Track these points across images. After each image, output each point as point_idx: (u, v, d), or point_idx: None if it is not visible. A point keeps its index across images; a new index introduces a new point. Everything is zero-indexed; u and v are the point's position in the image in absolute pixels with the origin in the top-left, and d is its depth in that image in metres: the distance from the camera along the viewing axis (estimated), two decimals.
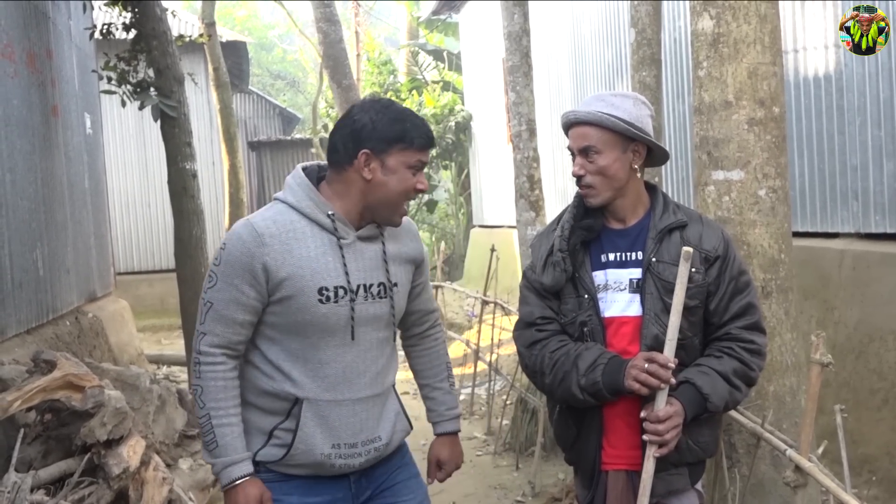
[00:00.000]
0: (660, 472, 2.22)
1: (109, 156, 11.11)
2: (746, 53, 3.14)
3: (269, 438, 2.19)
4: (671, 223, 2.26)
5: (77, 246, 7.06)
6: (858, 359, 4.69)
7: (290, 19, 20.26)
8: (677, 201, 2.39)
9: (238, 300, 2.12)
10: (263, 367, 2.19)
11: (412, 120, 2.18)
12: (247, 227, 2.14)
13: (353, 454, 2.21)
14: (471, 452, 5.96)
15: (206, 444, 2.16)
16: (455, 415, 2.55)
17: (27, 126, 5.73)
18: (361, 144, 2.14)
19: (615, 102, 2.26)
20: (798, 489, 2.61)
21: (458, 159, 16.34)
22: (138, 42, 6.53)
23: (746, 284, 2.30)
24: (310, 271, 2.12)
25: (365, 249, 2.21)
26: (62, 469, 3.75)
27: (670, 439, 2.13)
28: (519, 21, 6.56)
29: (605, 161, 2.25)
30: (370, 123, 2.14)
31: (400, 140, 2.14)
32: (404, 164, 2.15)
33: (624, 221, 2.32)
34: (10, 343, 4.99)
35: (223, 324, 2.14)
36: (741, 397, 2.27)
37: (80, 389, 3.82)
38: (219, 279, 2.14)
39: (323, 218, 2.16)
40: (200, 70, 13.23)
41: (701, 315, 2.28)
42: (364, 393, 2.21)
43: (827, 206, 5.25)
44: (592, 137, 2.25)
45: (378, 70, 17.93)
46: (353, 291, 2.16)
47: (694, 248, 2.22)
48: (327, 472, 2.21)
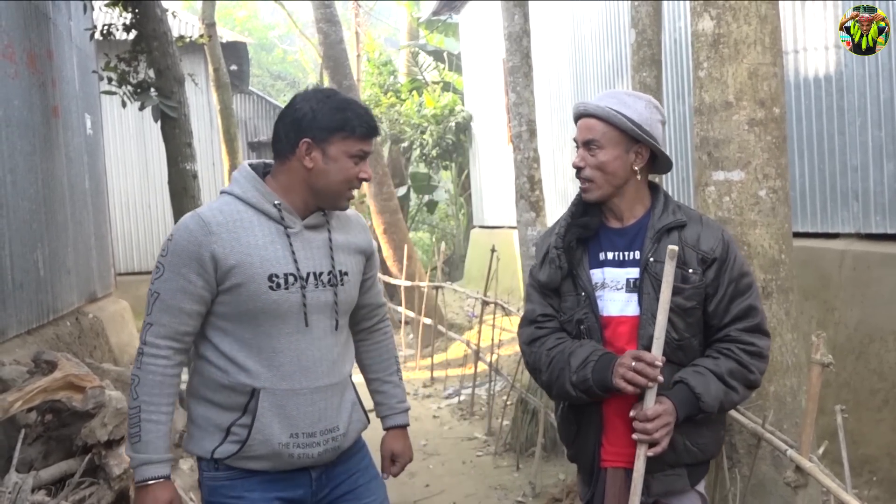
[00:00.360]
0: (656, 472, 2.22)
1: (110, 156, 11.11)
2: (747, 54, 3.14)
3: (226, 435, 2.17)
4: (669, 223, 2.25)
5: (77, 246, 7.06)
6: (859, 359, 4.69)
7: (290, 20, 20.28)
8: (679, 202, 2.37)
9: (185, 289, 2.11)
10: (217, 362, 2.17)
11: (354, 109, 2.17)
12: (194, 218, 2.15)
13: (311, 443, 2.19)
14: (471, 453, 5.96)
15: (130, 435, 2.13)
16: (405, 408, 2.57)
17: (28, 127, 5.74)
18: (302, 133, 2.15)
19: (627, 101, 2.26)
20: (799, 489, 2.61)
21: (459, 160, 16.34)
22: (139, 43, 6.54)
23: (748, 287, 2.27)
24: (258, 259, 2.12)
25: (312, 238, 2.21)
26: (63, 469, 3.75)
27: (659, 438, 2.11)
28: (519, 22, 6.57)
29: (606, 157, 2.24)
30: (311, 112, 2.15)
31: (341, 129, 2.14)
32: (345, 153, 2.16)
33: (622, 220, 2.32)
34: (10, 344, 4.99)
35: (170, 314, 2.12)
36: (738, 399, 2.24)
37: (81, 390, 3.83)
38: (166, 269, 2.13)
39: (269, 207, 2.17)
40: (201, 71, 13.23)
41: (699, 316, 2.26)
42: (322, 382, 2.21)
43: (827, 206, 5.25)
44: (597, 131, 2.25)
45: (378, 71, 17.93)
46: (303, 279, 2.16)
47: (691, 248, 2.22)
48: (285, 463, 2.19)
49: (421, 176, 17.41)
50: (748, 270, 2.30)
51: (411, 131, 16.12)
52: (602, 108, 2.25)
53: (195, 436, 2.22)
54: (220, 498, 2.21)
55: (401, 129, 16.28)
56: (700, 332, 2.27)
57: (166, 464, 2.14)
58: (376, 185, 11.40)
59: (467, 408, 7.20)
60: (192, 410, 2.24)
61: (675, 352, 2.22)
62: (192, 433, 2.24)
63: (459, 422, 6.95)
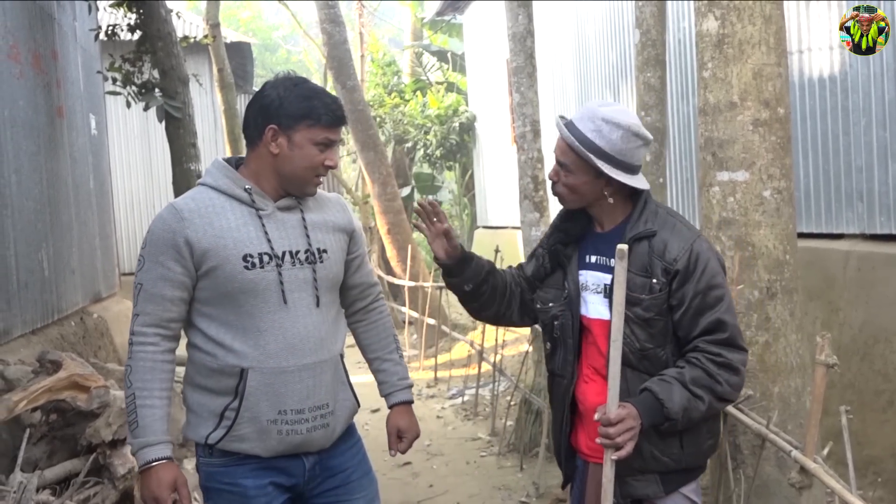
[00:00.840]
0: (625, 476, 2.23)
1: (114, 156, 11.12)
2: (751, 54, 3.14)
3: (220, 420, 2.22)
4: (638, 233, 2.23)
5: (82, 246, 7.07)
6: (863, 360, 4.68)
7: (294, 20, 20.29)
8: (664, 206, 2.35)
9: (165, 276, 2.18)
10: (206, 347, 2.22)
11: (321, 98, 2.22)
12: (167, 209, 2.24)
13: (299, 419, 2.23)
14: (475, 453, 5.96)
15: (128, 424, 2.20)
16: (407, 385, 2.58)
17: (32, 127, 5.75)
18: (269, 120, 2.20)
19: (603, 130, 2.20)
20: (803, 490, 2.60)
21: (462, 160, 16.33)
22: (143, 43, 6.55)
23: (717, 300, 2.19)
24: (232, 241, 2.18)
25: (286, 219, 2.26)
26: (67, 469, 3.76)
27: (622, 442, 2.09)
28: (523, 22, 6.57)
29: (576, 181, 2.26)
30: (278, 99, 2.20)
31: (306, 117, 2.19)
32: (311, 140, 2.20)
33: (602, 225, 2.34)
34: (15, 343, 5.00)
35: (153, 302, 2.19)
36: (705, 408, 2.17)
37: (86, 390, 3.84)
38: (146, 260, 2.20)
39: (240, 192, 2.23)
40: (205, 71, 13.24)
41: (662, 327, 2.21)
42: (309, 359, 2.23)
43: (832, 207, 5.25)
44: (568, 157, 2.26)
45: (382, 71, 17.93)
46: (278, 257, 2.21)
47: (657, 258, 2.20)
48: (275, 442, 2.22)
49: (425, 176, 17.41)
50: (720, 282, 2.22)
51: (415, 132, 16.12)
52: (572, 139, 2.22)
53: (192, 422, 2.28)
54: (214, 483, 2.26)
55: (404, 130, 16.29)
56: (669, 342, 2.23)
57: (166, 445, 2.19)
58: (380, 185, 11.40)
59: (471, 408, 7.20)
60: (188, 398, 2.29)
61: (640, 361, 2.22)
62: (189, 420, 2.30)
63: (463, 422, 6.95)
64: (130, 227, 13.69)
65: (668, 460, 2.23)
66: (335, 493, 2.35)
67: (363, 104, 11.68)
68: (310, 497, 2.35)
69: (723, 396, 2.19)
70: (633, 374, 2.21)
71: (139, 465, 2.19)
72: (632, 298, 2.18)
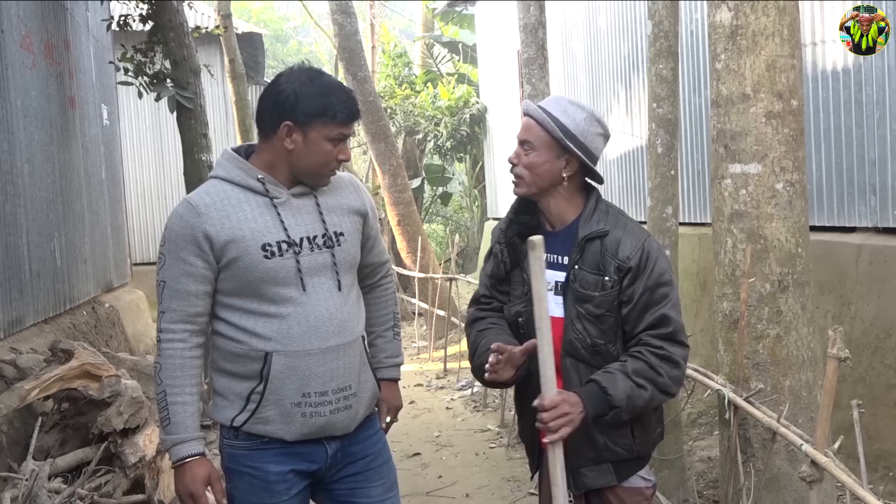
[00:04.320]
0: (580, 467, 2.29)
1: (126, 147, 11.16)
2: (765, 46, 3.12)
3: (245, 403, 2.24)
4: (591, 232, 2.29)
5: (94, 236, 7.10)
6: (875, 354, 4.66)
7: (305, 11, 20.27)
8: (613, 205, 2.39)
9: (188, 272, 2.19)
10: (230, 333, 2.25)
11: (336, 94, 2.22)
12: (183, 204, 2.25)
13: (322, 402, 2.25)
14: (484, 444, 5.97)
15: (160, 420, 2.22)
16: (395, 363, 2.61)
17: (45, 117, 5.77)
18: (284, 116, 2.20)
19: (568, 110, 2.29)
20: (814, 484, 2.59)
21: (473, 152, 16.31)
22: (155, 34, 6.56)
23: (663, 297, 2.27)
24: (250, 231, 2.20)
25: (301, 205, 2.28)
26: (79, 457, 3.79)
27: (556, 427, 2.12)
28: (535, 13, 6.54)
29: (537, 159, 2.30)
30: (293, 95, 2.19)
31: (322, 114, 2.19)
32: (325, 136, 2.21)
33: (553, 225, 2.37)
34: (27, 332, 5.04)
35: (178, 298, 2.20)
36: (648, 397, 2.22)
37: (97, 379, 3.86)
38: (167, 257, 2.21)
39: (254, 182, 2.24)
40: (216, 62, 13.24)
41: (612, 323, 2.28)
42: (333, 342, 2.25)
43: (844, 200, 5.22)
44: (532, 133, 2.31)
45: (393, 62, 17.89)
46: (296, 244, 2.23)
47: (610, 256, 2.26)
48: (299, 425, 2.24)
49: (435, 168, 17.39)
50: (667, 280, 2.28)
51: (426, 123, 16.10)
52: (538, 111, 2.30)
53: (218, 404, 2.30)
54: (237, 465, 2.29)
55: (415, 121, 16.27)
56: (619, 338, 2.30)
57: (199, 441, 2.22)
58: (390, 176, 11.40)
59: (480, 399, 7.21)
60: (214, 382, 2.32)
61: (592, 356, 2.28)
62: (215, 402, 2.32)
63: (472, 413, 6.96)
64: (142, 217, 13.73)
65: (621, 450, 2.30)
66: (354, 479, 2.38)
67: (374, 95, 11.67)
68: (329, 483, 2.37)
69: (664, 388, 2.25)
70: (584, 368, 2.28)
71: (173, 462, 2.21)
72: (584, 296, 2.26)
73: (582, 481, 2.32)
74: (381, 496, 2.41)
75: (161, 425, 2.22)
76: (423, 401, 7.49)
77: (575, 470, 2.28)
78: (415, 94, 16.78)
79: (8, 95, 5.01)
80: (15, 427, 3.92)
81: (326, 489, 2.39)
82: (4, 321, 4.70)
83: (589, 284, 2.26)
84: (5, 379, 3.91)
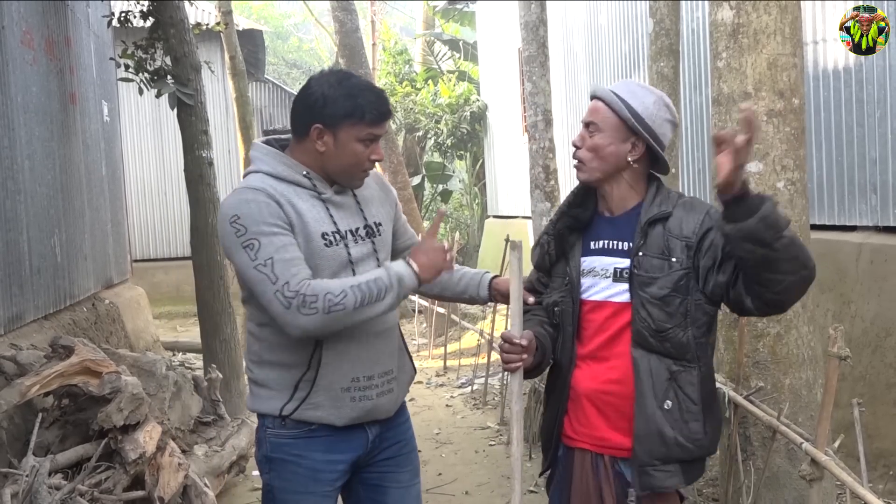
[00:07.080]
0: (646, 466, 2.17)
1: (126, 143, 11.16)
2: (766, 44, 3.12)
3: (294, 392, 2.27)
4: (653, 216, 2.22)
5: (94, 233, 7.10)
6: (875, 353, 4.66)
7: (306, 8, 20.27)
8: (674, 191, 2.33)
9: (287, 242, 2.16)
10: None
11: (366, 95, 2.23)
12: (246, 192, 2.21)
13: (370, 385, 2.30)
14: (484, 442, 5.98)
15: (377, 292, 2.16)
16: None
17: (46, 113, 5.76)
18: (314, 119, 2.22)
19: (637, 93, 2.25)
20: (813, 483, 2.60)
21: (473, 149, 16.30)
22: (156, 30, 6.55)
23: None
24: (311, 219, 2.23)
25: (342, 201, 2.32)
26: (79, 454, 3.78)
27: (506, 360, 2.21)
28: (536, 11, 6.54)
29: (602, 141, 2.24)
30: (322, 98, 2.21)
31: (350, 115, 2.20)
32: (356, 137, 2.22)
33: (612, 211, 2.32)
34: (28, 328, 5.03)
35: (293, 264, 2.14)
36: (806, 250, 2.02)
37: (98, 375, 3.85)
38: (259, 239, 2.14)
39: (301, 178, 2.26)
40: (217, 58, 13.24)
41: (679, 305, 2.16)
42: (378, 327, 2.30)
43: (845, 198, 5.22)
44: (599, 115, 2.26)
45: (394, 59, 17.89)
46: (343, 237, 2.28)
47: (675, 238, 2.18)
48: (347, 409, 2.27)
49: (435, 165, 17.39)
50: None
51: (426, 120, 16.10)
52: (608, 92, 2.26)
53: (262, 396, 2.31)
54: (281, 454, 2.30)
55: (416, 119, 16.26)
56: (690, 325, 2.18)
57: (396, 263, 2.24)
58: (391, 173, 11.40)
59: (480, 397, 7.21)
60: (257, 375, 2.32)
61: (661, 343, 2.16)
62: (258, 394, 2.32)
63: (472, 411, 6.97)
64: (142, 213, 13.74)
65: (691, 446, 2.18)
66: (386, 464, 2.43)
67: None
68: (363, 467, 2.41)
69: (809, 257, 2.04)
70: (655, 358, 2.17)
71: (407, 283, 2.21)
72: (645, 279, 2.18)
73: (648, 481, 2.18)
74: (408, 481, 2.48)
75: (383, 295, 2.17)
76: (423, 398, 7.49)
77: (641, 469, 2.17)
78: (415, 91, 16.77)
79: (9, 91, 5.01)
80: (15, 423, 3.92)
81: (358, 474, 2.42)
82: (4, 317, 4.70)
83: (654, 268, 2.18)
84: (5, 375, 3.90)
